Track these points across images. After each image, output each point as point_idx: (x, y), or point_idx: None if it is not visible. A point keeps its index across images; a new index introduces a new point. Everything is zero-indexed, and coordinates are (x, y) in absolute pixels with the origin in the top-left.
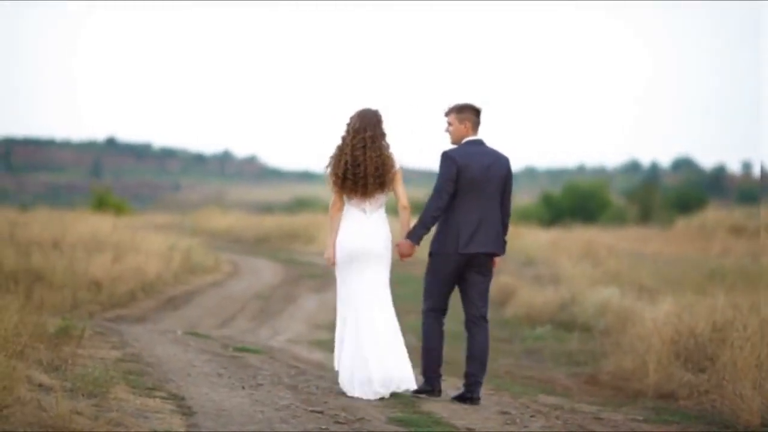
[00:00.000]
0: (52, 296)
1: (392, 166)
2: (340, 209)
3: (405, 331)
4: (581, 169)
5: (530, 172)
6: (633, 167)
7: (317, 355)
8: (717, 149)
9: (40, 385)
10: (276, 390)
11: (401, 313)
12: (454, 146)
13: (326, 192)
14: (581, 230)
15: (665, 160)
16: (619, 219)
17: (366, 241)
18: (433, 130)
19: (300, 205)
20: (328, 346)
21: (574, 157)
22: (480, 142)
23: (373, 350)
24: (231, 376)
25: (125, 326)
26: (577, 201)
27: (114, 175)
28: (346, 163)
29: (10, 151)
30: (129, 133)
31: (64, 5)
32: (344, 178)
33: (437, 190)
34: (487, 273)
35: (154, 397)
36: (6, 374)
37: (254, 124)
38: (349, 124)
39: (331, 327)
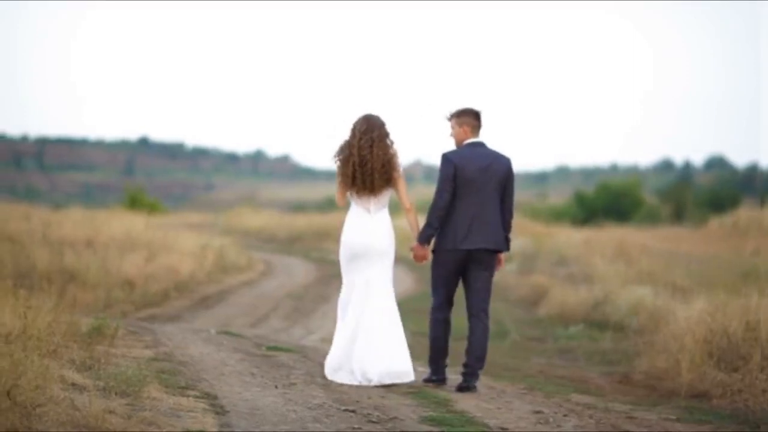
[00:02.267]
0: (86, 295)
1: (397, 164)
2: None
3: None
4: (614, 168)
5: (563, 171)
6: (666, 166)
7: None
8: (750, 148)
9: (74, 385)
10: (309, 389)
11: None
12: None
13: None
14: (614, 229)
15: (698, 158)
16: (652, 218)
17: (370, 239)
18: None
19: (332, 204)
20: None
21: (607, 156)
22: (480, 144)
23: (365, 346)
24: (264, 375)
25: (158, 325)
26: (610, 200)
27: (147, 174)
28: (353, 163)
29: (43, 150)
30: (162, 133)
31: (98, 6)
32: (353, 177)
33: (438, 191)
34: (488, 268)
35: (187, 396)
36: (39, 373)
37: (287, 123)
38: (354, 128)
39: None
